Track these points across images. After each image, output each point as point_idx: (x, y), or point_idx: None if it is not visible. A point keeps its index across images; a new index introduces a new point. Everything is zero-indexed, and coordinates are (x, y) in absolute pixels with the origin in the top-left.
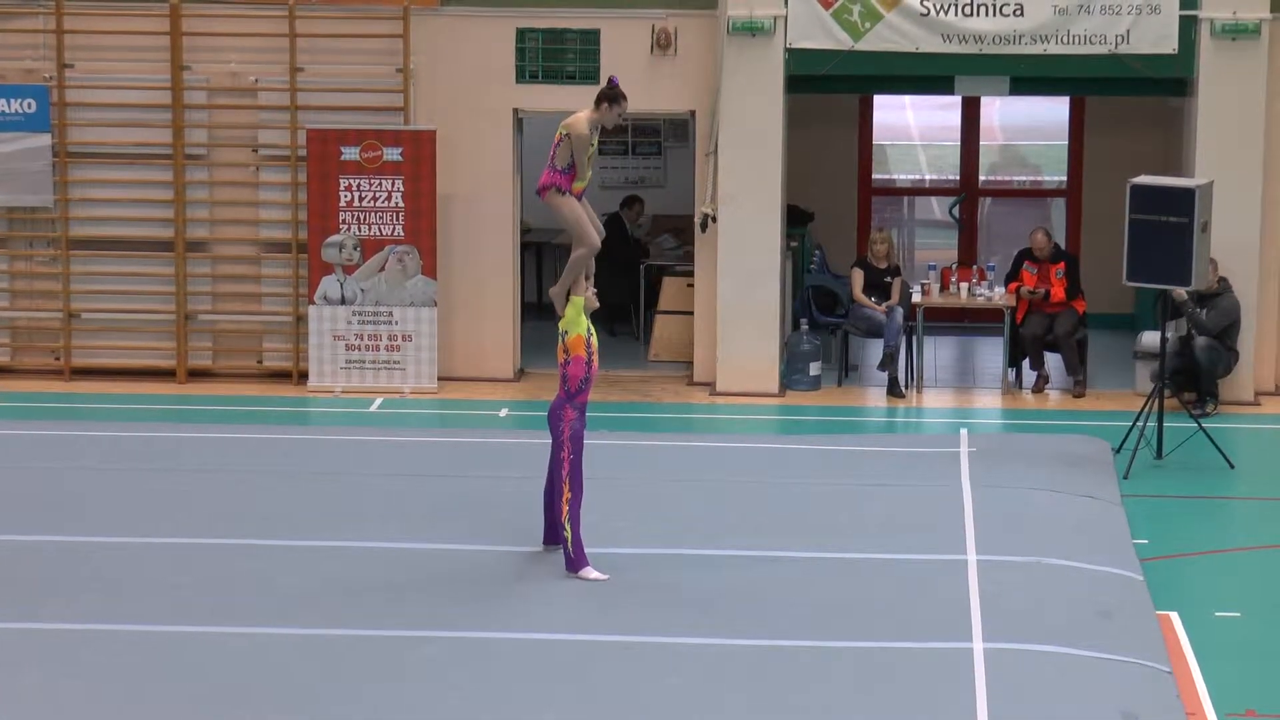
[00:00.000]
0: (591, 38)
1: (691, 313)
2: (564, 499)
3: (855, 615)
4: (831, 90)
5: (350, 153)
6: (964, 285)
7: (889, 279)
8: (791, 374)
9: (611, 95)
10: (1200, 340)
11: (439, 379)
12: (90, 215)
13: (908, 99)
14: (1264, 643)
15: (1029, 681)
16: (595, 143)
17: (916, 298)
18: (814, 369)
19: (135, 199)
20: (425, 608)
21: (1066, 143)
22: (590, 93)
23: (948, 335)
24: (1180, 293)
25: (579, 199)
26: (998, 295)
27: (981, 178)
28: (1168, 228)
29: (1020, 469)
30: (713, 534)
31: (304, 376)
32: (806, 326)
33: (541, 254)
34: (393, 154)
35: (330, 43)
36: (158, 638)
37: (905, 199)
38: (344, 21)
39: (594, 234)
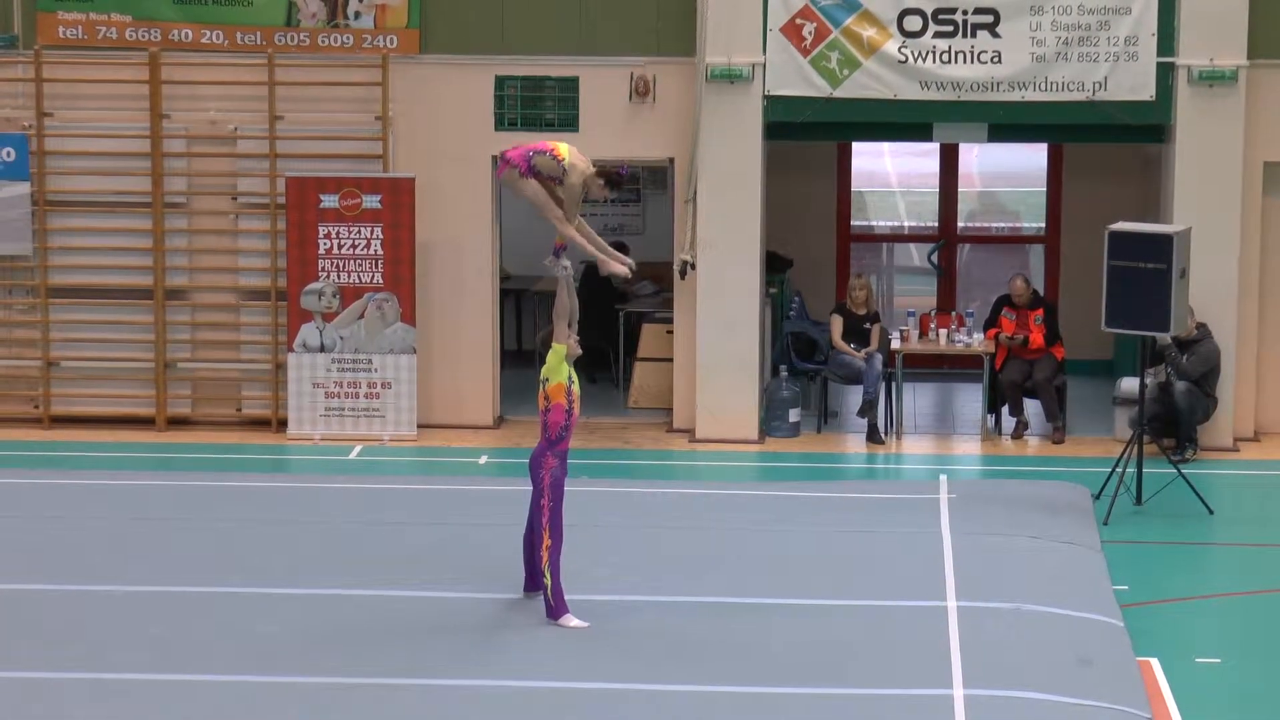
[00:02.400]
0: (570, 85)
1: (671, 359)
2: (544, 546)
3: (836, 661)
4: (810, 137)
5: (329, 200)
6: (943, 331)
7: (868, 325)
8: (771, 421)
9: (612, 179)
10: (1179, 385)
11: (418, 426)
12: (69, 263)
13: (886, 146)
14: (1244, 688)
15: None
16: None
17: (896, 344)
18: (793, 415)
19: (114, 247)
20: (404, 655)
21: (1045, 189)
22: (569, 140)
23: (927, 382)
24: (1165, 337)
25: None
26: (977, 341)
27: (960, 224)
28: (1146, 274)
29: (1000, 515)
30: (693, 581)
31: (283, 424)
32: (786, 373)
33: (521, 301)
34: (372, 201)
35: (309, 91)
36: (135, 686)
37: (884, 245)
38: (323, 70)
39: (562, 215)
